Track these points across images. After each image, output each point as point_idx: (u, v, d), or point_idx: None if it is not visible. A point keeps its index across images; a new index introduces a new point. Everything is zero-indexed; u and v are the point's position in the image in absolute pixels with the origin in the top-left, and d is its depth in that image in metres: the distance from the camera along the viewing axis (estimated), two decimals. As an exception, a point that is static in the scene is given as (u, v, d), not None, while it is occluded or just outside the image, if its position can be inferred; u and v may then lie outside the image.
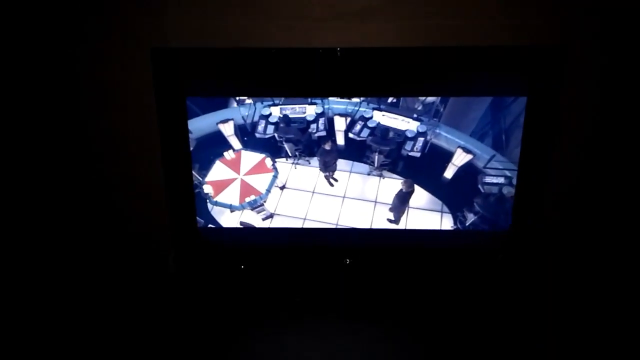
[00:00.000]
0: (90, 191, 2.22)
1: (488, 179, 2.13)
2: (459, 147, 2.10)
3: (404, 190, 2.17)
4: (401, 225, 2.21)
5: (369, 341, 2.11)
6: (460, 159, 2.12)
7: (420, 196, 2.18)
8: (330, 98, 2.05)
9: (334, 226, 2.22)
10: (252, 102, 2.08)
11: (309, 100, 2.06)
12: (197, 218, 2.20)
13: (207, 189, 2.22)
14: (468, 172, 2.12)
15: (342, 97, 2.05)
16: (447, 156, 2.12)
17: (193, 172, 2.12)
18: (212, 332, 2.17)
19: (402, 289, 2.27)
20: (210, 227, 2.25)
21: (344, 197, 2.21)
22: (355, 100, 2.06)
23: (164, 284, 2.26)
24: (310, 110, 2.08)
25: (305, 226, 2.23)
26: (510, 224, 2.15)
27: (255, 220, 2.25)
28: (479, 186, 2.14)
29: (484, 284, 2.24)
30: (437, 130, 2.09)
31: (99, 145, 2.13)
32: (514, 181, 2.10)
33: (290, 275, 2.30)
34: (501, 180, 2.13)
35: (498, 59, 1.93)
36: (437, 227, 2.19)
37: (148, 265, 2.28)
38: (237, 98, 2.09)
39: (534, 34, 1.90)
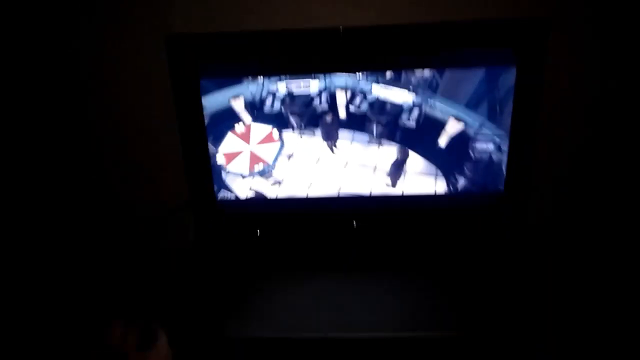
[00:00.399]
0: (115, 169, 2.39)
1: (479, 145, 2.31)
2: (451, 116, 2.26)
3: (399, 157, 2.35)
4: (398, 189, 2.41)
5: (377, 293, 2.28)
6: (453, 127, 2.28)
7: (416, 162, 2.36)
8: (332, 74, 2.20)
9: (337, 191, 2.41)
10: (261, 79, 2.22)
11: (312, 75, 2.21)
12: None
13: (220, 159, 2.40)
14: (460, 139, 2.29)
15: (344, 72, 2.19)
16: (441, 125, 2.28)
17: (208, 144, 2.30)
18: (230, 288, 2.37)
19: (407, 247, 2.49)
20: (227, 199, 2.44)
21: (346, 164, 2.40)
22: (357, 75, 2.21)
23: (185, 250, 2.47)
24: (313, 85, 2.23)
25: (310, 191, 2.42)
26: (502, 187, 2.34)
27: (264, 186, 2.44)
28: (470, 152, 2.31)
29: (481, 241, 2.46)
30: (432, 101, 2.24)
31: (120, 128, 2.28)
32: (503, 147, 2.27)
33: (304, 238, 2.52)
34: (491, 146, 2.30)
35: (487, 31, 2.08)
36: (432, 191, 2.39)
37: (170, 235, 2.47)
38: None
39: (523, 7, 2.03)
